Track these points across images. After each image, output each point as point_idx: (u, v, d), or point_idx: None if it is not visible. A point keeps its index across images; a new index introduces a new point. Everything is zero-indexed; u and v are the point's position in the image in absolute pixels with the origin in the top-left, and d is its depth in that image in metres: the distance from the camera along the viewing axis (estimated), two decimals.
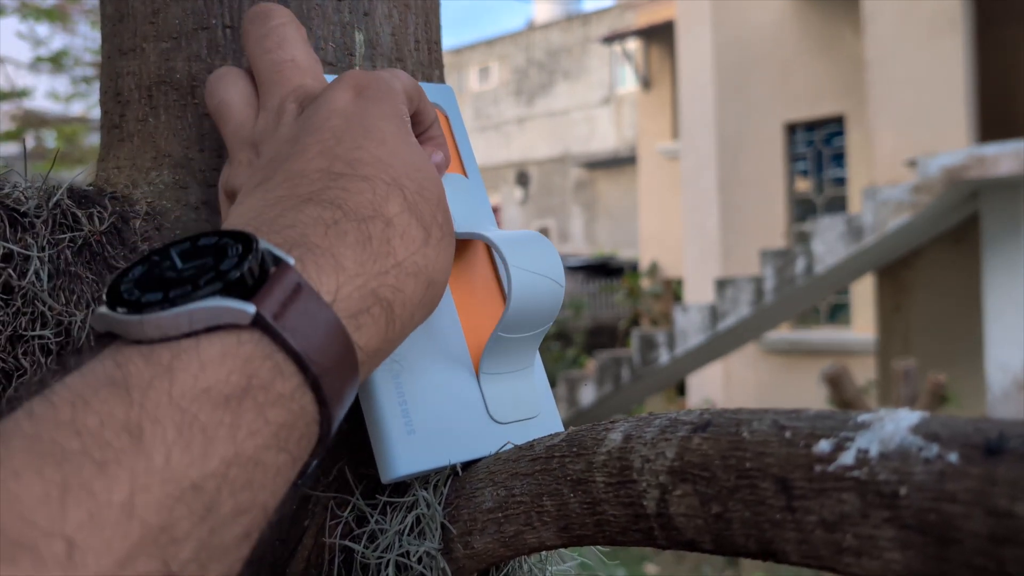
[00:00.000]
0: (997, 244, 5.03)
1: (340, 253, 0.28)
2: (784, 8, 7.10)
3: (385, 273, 0.29)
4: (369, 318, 0.28)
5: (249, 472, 0.23)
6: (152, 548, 0.21)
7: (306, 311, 0.26)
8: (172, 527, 0.21)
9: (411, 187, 0.32)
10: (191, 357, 0.24)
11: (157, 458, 0.21)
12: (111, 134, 0.46)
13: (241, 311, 0.25)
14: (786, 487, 0.26)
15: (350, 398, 0.28)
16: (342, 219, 0.29)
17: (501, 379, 0.41)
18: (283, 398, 0.25)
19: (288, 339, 0.25)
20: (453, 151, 0.44)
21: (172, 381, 0.23)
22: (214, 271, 0.25)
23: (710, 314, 5.30)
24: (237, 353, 0.24)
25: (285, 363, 0.25)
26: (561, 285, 0.39)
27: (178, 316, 0.24)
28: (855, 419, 0.26)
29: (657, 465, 0.30)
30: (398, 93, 0.36)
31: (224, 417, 0.23)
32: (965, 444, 0.23)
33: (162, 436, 0.22)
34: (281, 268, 0.26)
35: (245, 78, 0.39)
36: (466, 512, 0.37)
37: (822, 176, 7.33)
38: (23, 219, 0.38)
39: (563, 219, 14.13)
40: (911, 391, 3.99)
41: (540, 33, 14.74)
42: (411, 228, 0.31)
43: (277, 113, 0.36)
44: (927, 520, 0.23)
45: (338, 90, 0.35)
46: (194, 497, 0.22)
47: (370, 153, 0.32)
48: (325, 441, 0.27)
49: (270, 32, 0.38)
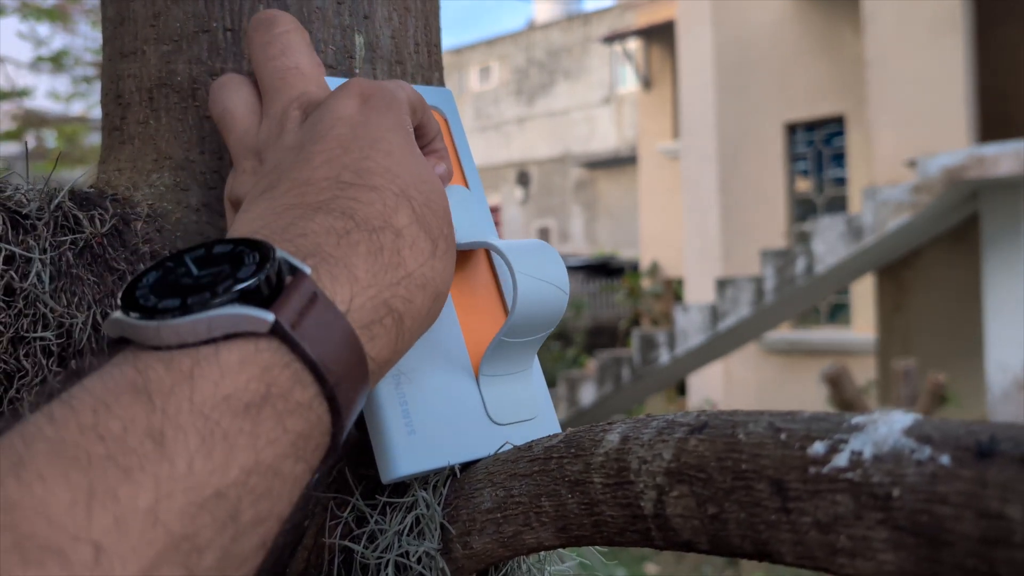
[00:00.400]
0: (997, 244, 5.03)
1: (353, 264, 0.28)
2: (784, 8, 7.10)
3: (397, 284, 0.29)
4: (381, 329, 0.29)
5: (268, 481, 0.23)
6: (175, 556, 0.21)
7: (322, 321, 0.26)
8: (195, 535, 0.21)
9: (419, 198, 0.32)
10: (211, 364, 0.24)
11: (180, 465, 0.21)
12: (112, 136, 0.46)
13: (260, 319, 0.25)
14: (781, 489, 0.26)
15: (359, 408, 0.28)
16: (354, 229, 0.29)
17: (500, 381, 0.41)
18: (301, 407, 0.25)
19: (307, 348, 0.25)
20: (453, 157, 0.45)
21: (193, 388, 0.23)
22: (232, 279, 0.25)
23: (710, 314, 5.30)
24: (256, 361, 0.24)
25: (303, 372, 0.25)
26: (565, 292, 0.39)
27: (197, 323, 0.24)
28: (849, 421, 0.26)
29: (654, 466, 0.30)
30: (403, 103, 0.36)
31: (244, 425, 0.23)
32: (957, 447, 0.23)
33: (185, 443, 0.22)
34: (298, 277, 0.26)
35: (248, 85, 0.39)
36: (465, 512, 0.37)
37: (822, 176, 7.33)
38: (25, 221, 0.38)
39: (563, 219, 14.13)
40: (911, 391, 4.00)
41: (540, 33, 14.74)
42: (420, 240, 0.31)
43: (280, 120, 0.36)
44: (919, 522, 0.23)
45: (343, 98, 0.34)
46: (216, 505, 0.22)
47: (377, 163, 0.32)
48: (335, 451, 0.27)
49: (274, 39, 0.38)
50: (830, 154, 7.26)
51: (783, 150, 7.25)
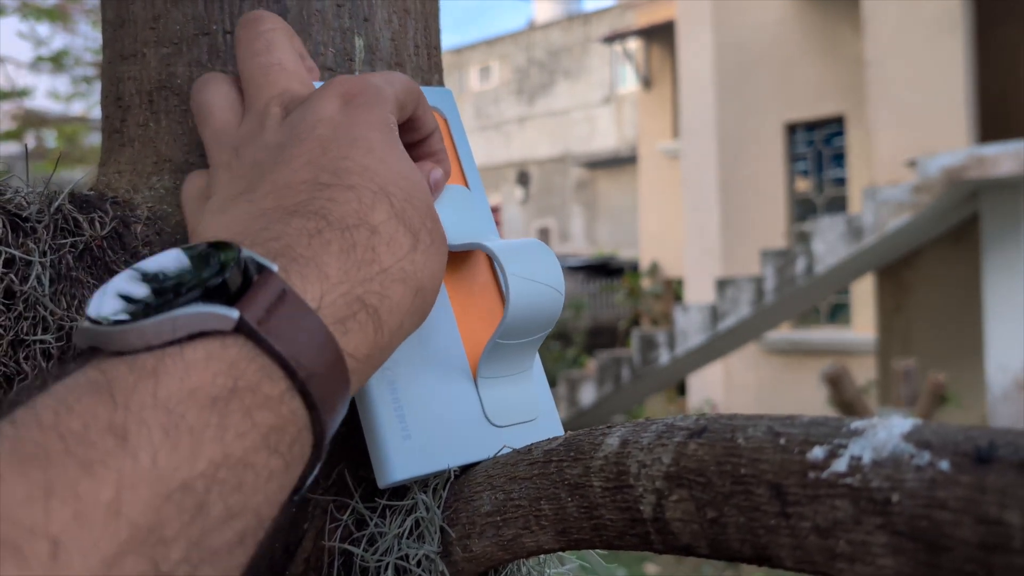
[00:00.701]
0: (997, 244, 5.03)
1: (324, 262, 0.28)
2: (784, 8, 7.10)
3: (370, 280, 0.29)
4: (356, 323, 0.29)
5: (239, 474, 0.23)
6: (140, 548, 0.20)
7: (291, 317, 0.26)
8: (161, 527, 0.21)
9: (398, 194, 0.32)
10: (175, 361, 0.24)
11: (144, 459, 0.21)
12: (112, 139, 0.46)
13: (224, 316, 0.25)
14: (780, 493, 0.27)
15: (343, 404, 0.28)
16: (326, 228, 0.29)
17: (499, 383, 0.41)
18: (271, 400, 0.25)
19: (272, 343, 0.25)
20: (453, 157, 0.44)
21: (157, 384, 0.23)
22: (196, 279, 0.25)
23: (710, 314, 5.30)
24: (222, 357, 0.24)
25: (271, 367, 0.25)
26: (560, 292, 0.39)
27: (161, 324, 0.24)
28: (848, 426, 0.26)
29: (653, 470, 0.30)
30: (387, 99, 0.35)
31: (211, 418, 0.23)
32: (956, 452, 0.23)
33: (148, 437, 0.22)
34: (264, 275, 0.26)
35: (230, 83, 0.39)
36: (465, 515, 0.38)
37: (822, 176, 7.33)
38: (25, 224, 0.38)
39: (563, 219, 14.13)
40: (911, 391, 4.00)
41: (541, 33, 14.74)
42: (398, 235, 0.31)
43: (261, 117, 0.36)
44: (918, 527, 0.23)
45: (325, 98, 0.34)
46: (183, 497, 0.22)
47: (356, 163, 0.32)
48: (321, 447, 0.27)
49: (259, 36, 0.38)
50: (830, 154, 7.26)
51: (783, 150, 7.25)
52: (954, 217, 5.59)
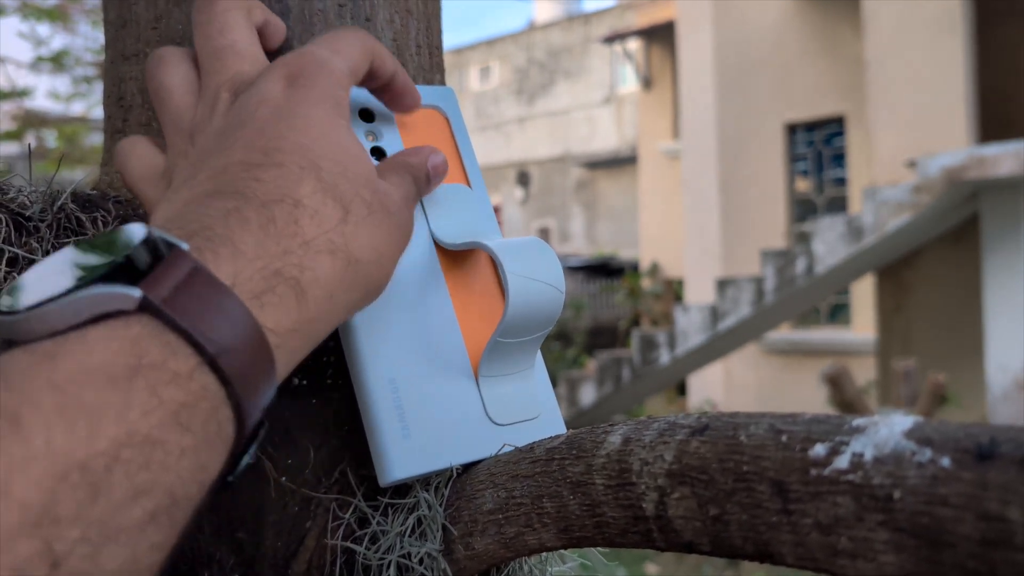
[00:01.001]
0: (997, 244, 5.03)
1: (239, 239, 0.28)
2: (784, 8, 7.10)
3: (289, 253, 0.29)
4: (274, 297, 0.28)
5: (146, 452, 0.23)
6: (32, 529, 0.20)
7: (201, 294, 0.26)
8: (54, 507, 0.21)
9: (330, 167, 0.32)
10: (75, 343, 0.23)
11: (37, 441, 0.21)
12: (114, 138, 0.46)
13: (126, 295, 0.24)
14: (782, 490, 0.27)
15: (268, 380, 0.28)
16: (244, 206, 0.29)
17: (500, 381, 0.41)
18: (179, 377, 0.24)
19: (178, 319, 0.25)
20: (455, 156, 0.45)
21: (54, 366, 0.22)
22: (102, 262, 0.25)
23: (711, 314, 5.31)
24: (124, 335, 0.24)
25: (178, 343, 0.25)
26: (560, 291, 0.39)
27: (63, 307, 0.24)
28: (850, 423, 0.26)
29: (656, 468, 0.30)
30: (332, 72, 0.35)
31: (112, 397, 0.23)
32: (957, 449, 0.23)
33: (42, 419, 0.21)
34: (174, 254, 0.26)
35: (187, 62, 0.38)
36: (467, 513, 0.38)
37: (822, 176, 7.33)
38: (28, 223, 0.38)
39: (564, 219, 14.13)
40: (911, 391, 4.00)
41: (541, 33, 14.75)
42: (325, 207, 0.31)
43: (212, 102, 0.35)
44: (920, 523, 0.23)
45: (269, 80, 0.34)
46: (81, 477, 0.21)
47: (290, 141, 0.32)
48: (244, 426, 0.27)
49: (213, 18, 0.37)
50: (830, 154, 7.26)
51: (783, 150, 7.25)
52: (954, 217, 5.60)
